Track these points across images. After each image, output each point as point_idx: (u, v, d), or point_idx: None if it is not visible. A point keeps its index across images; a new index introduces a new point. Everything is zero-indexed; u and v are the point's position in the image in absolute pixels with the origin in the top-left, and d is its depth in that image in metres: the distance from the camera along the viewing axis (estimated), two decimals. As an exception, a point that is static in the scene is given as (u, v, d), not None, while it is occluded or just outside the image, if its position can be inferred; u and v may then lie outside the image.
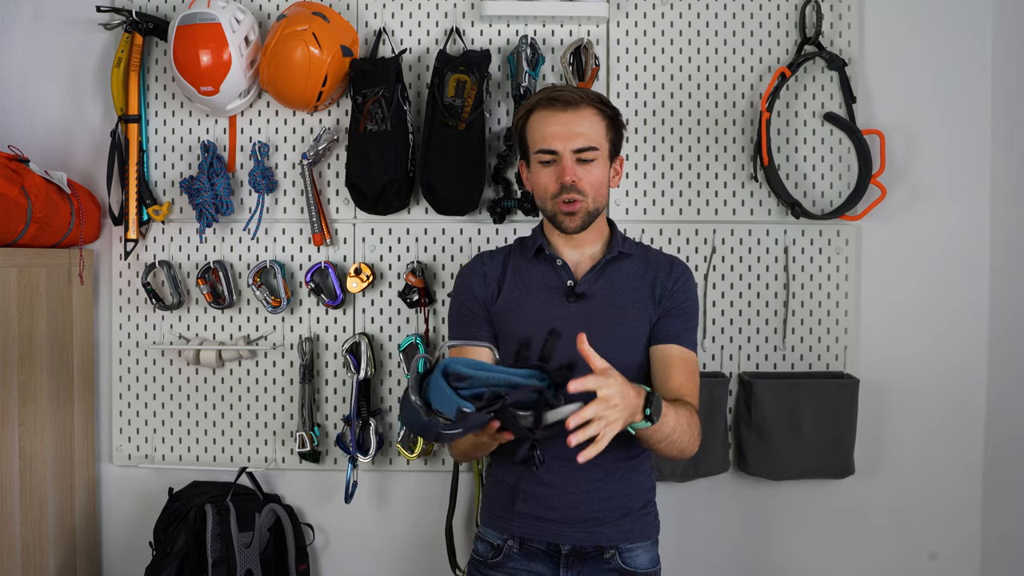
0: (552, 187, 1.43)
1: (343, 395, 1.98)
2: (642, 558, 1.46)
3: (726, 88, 1.97)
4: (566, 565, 1.44)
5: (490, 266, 1.55)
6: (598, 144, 1.43)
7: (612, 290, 1.47)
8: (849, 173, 1.96)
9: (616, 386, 1.15)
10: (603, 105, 1.45)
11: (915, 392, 1.98)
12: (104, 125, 1.97)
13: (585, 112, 1.42)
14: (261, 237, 1.97)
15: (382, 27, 1.95)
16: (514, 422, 1.11)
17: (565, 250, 1.51)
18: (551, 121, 1.42)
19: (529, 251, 1.52)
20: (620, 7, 1.96)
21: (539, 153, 1.44)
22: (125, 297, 1.99)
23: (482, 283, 1.52)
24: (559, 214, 1.44)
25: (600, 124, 1.44)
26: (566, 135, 1.41)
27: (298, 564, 1.92)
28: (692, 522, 1.99)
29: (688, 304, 1.48)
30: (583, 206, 1.43)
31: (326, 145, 1.91)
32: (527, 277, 1.51)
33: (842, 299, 1.97)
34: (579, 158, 1.42)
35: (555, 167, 1.43)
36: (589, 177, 1.42)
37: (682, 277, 1.50)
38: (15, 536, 1.71)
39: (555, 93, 1.43)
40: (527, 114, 1.46)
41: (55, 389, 1.85)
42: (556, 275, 1.49)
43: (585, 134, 1.41)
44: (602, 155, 1.44)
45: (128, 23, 1.89)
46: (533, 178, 1.48)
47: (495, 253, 1.59)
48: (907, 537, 2.00)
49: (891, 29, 1.97)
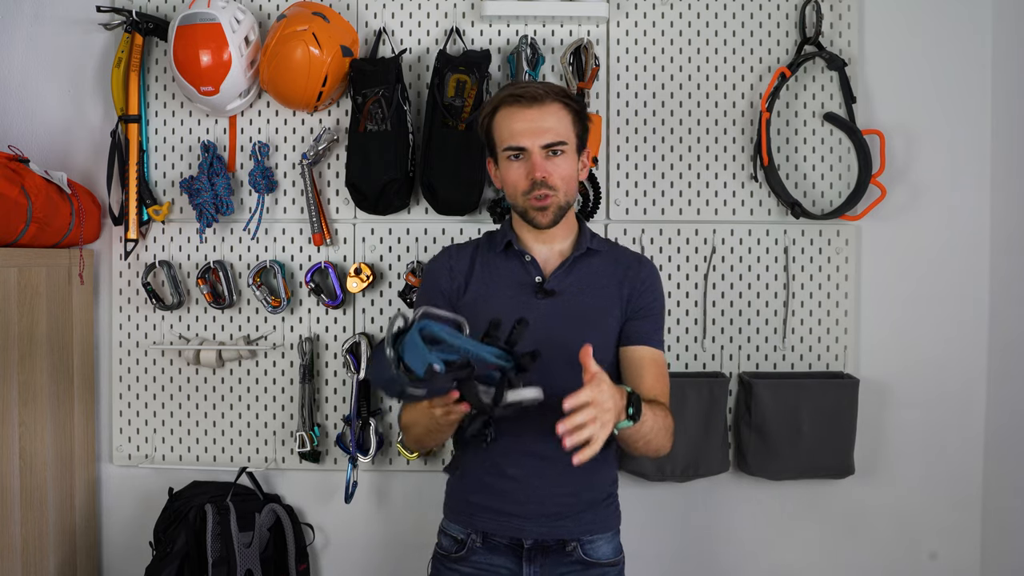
0: (523, 183, 1.43)
1: (343, 395, 1.98)
2: (604, 549, 1.47)
3: (726, 88, 1.97)
4: (528, 559, 1.44)
5: (457, 260, 1.54)
6: (566, 138, 1.43)
7: (581, 287, 1.47)
8: (849, 173, 1.96)
9: (607, 390, 1.15)
10: (568, 99, 1.45)
11: (915, 392, 1.98)
12: (104, 125, 1.97)
13: (551, 107, 1.42)
14: (261, 237, 1.97)
15: (382, 27, 1.95)
16: (475, 394, 1.16)
17: (534, 245, 1.51)
18: (517, 117, 1.42)
19: (498, 246, 1.52)
20: (620, 7, 1.96)
21: (507, 150, 1.44)
22: (125, 297, 1.99)
23: (448, 277, 1.52)
24: (530, 210, 1.44)
25: (566, 118, 1.44)
26: (534, 131, 1.41)
27: (298, 564, 1.92)
28: (692, 522, 1.99)
29: (656, 304, 1.50)
30: (554, 201, 1.43)
31: (326, 145, 1.91)
32: (495, 272, 1.51)
33: (842, 299, 1.97)
34: (548, 153, 1.42)
35: (524, 163, 1.43)
36: (559, 171, 1.43)
37: (650, 277, 1.51)
38: (15, 536, 1.71)
39: (519, 89, 1.43)
40: (492, 112, 1.46)
41: (55, 389, 1.85)
42: (525, 271, 1.49)
43: (553, 129, 1.41)
44: (570, 149, 1.44)
45: (128, 23, 1.89)
46: (503, 175, 1.48)
47: (463, 247, 1.58)
48: (907, 537, 2.00)
49: (891, 29, 1.97)
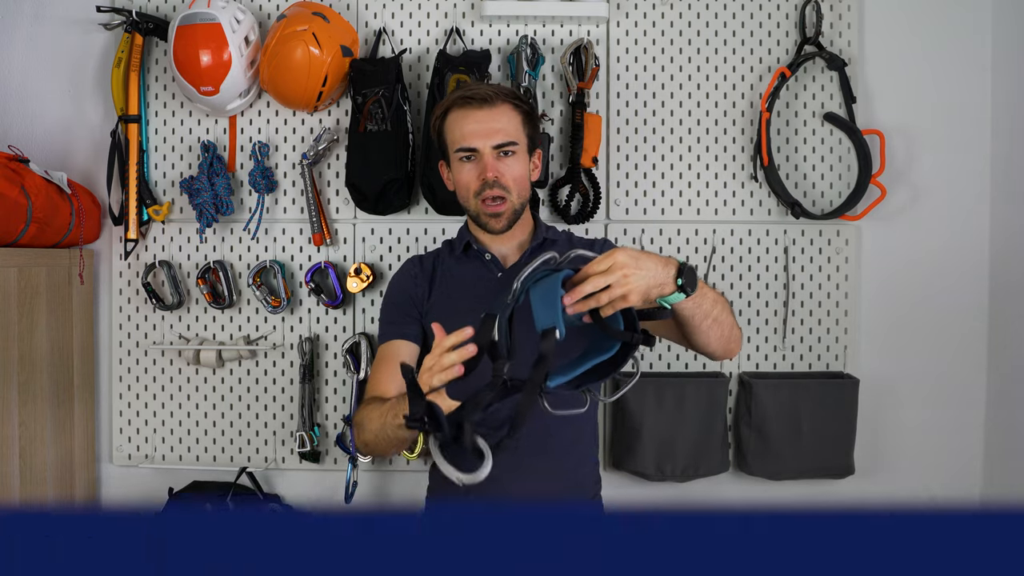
0: (474, 184, 1.44)
1: (343, 395, 1.98)
2: None
3: (726, 88, 1.97)
4: None
5: (419, 268, 1.57)
6: (516, 139, 1.44)
7: None
8: (849, 173, 1.96)
9: (625, 255, 1.06)
10: (518, 100, 1.46)
11: (915, 392, 1.98)
12: (104, 125, 1.97)
13: (501, 108, 1.43)
14: (261, 237, 1.97)
15: (382, 27, 1.95)
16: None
17: (492, 244, 1.52)
18: (468, 119, 1.43)
19: (457, 249, 1.54)
20: (620, 7, 1.96)
21: (459, 151, 1.45)
22: (125, 297, 1.99)
23: (413, 283, 1.54)
24: (482, 214, 1.45)
25: (516, 119, 1.45)
26: (484, 132, 1.42)
27: (298, 564, 1.91)
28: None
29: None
30: (509, 205, 1.44)
31: (326, 145, 1.91)
32: (458, 275, 1.52)
33: (842, 299, 1.97)
34: (499, 153, 1.43)
35: (476, 164, 1.44)
36: (510, 172, 1.44)
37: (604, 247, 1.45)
38: (15, 536, 1.71)
39: (470, 91, 1.44)
40: (443, 114, 1.47)
41: (55, 389, 1.85)
42: (486, 269, 1.51)
43: (503, 129, 1.43)
44: (521, 149, 1.46)
45: (128, 23, 1.88)
46: (455, 177, 1.49)
47: (424, 257, 1.61)
48: (907, 537, 2.00)
49: (891, 29, 1.97)
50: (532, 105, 1.49)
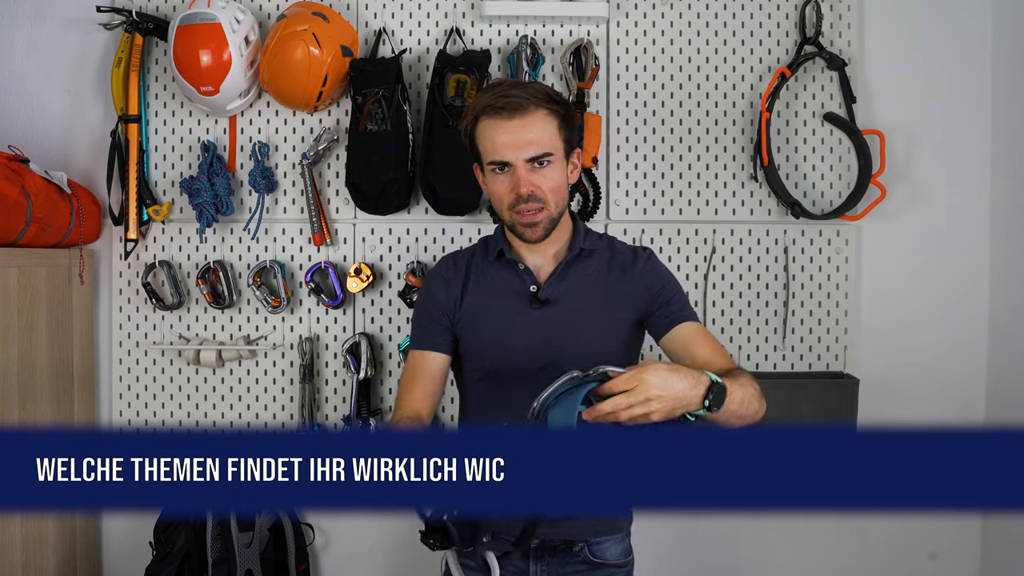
0: (508, 197, 1.37)
1: (343, 395, 1.98)
2: (612, 550, 1.46)
3: (726, 88, 1.97)
4: (536, 558, 1.43)
5: (454, 271, 1.50)
6: (551, 148, 1.35)
7: (576, 292, 1.42)
8: (849, 173, 1.96)
9: (654, 374, 1.06)
10: (552, 104, 1.37)
11: (915, 392, 1.98)
12: (104, 125, 1.97)
13: (534, 116, 1.34)
14: (261, 237, 1.97)
15: (382, 27, 1.95)
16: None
17: (527, 254, 1.46)
18: (499, 129, 1.34)
19: (491, 254, 1.48)
20: (620, 7, 1.96)
21: (491, 164, 1.38)
22: (125, 297, 1.99)
23: (445, 289, 1.48)
24: (518, 225, 1.38)
25: (551, 125, 1.36)
26: (517, 144, 1.33)
27: (298, 564, 1.92)
28: (692, 522, 1.99)
29: (668, 284, 1.45)
30: (546, 215, 1.37)
31: (326, 145, 1.91)
32: (490, 283, 1.46)
33: (842, 299, 1.97)
34: (533, 165, 1.35)
35: (509, 177, 1.35)
36: (546, 183, 1.36)
37: (648, 264, 1.45)
38: (15, 536, 1.71)
39: (500, 99, 1.34)
40: (474, 120, 1.39)
41: (55, 389, 1.85)
42: (519, 280, 1.44)
43: (536, 141, 1.34)
44: (557, 157, 1.37)
45: (128, 23, 1.89)
46: (489, 187, 1.42)
47: (459, 256, 1.54)
48: (907, 537, 2.00)
49: (891, 29, 1.97)
50: (568, 105, 1.41)
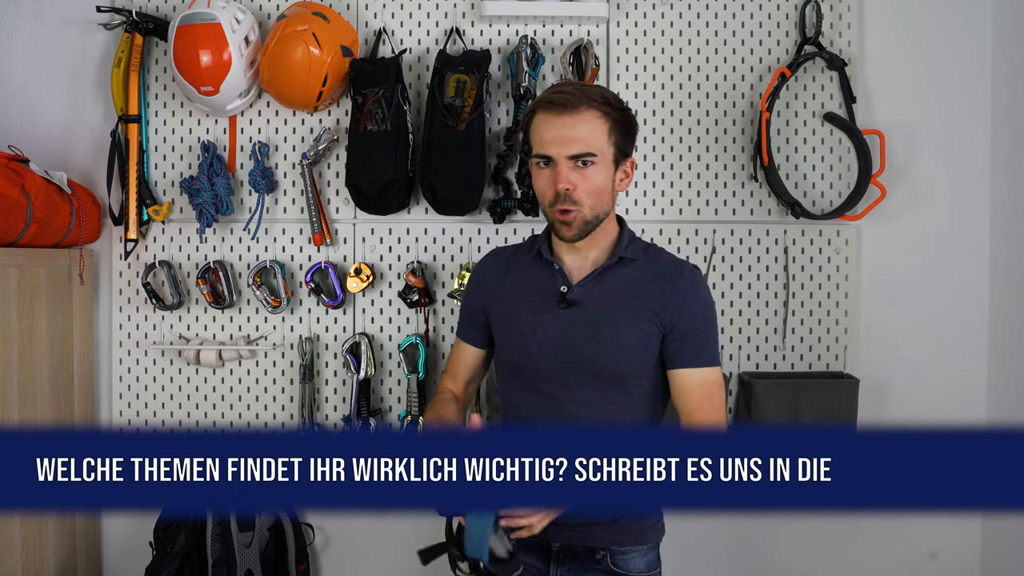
0: (548, 193, 1.38)
1: (343, 395, 1.98)
2: (636, 562, 1.44)
3: (726, 88, 1.97)
4: (556, 561, 1.44)
5: (493, 267, 1.56)
6: (597, 150, 1.35)
7: (607, 298, 1.42)
8: (849, 173, 1.96)
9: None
10: (607, 106, 1.36)
11: (915, 392, 1.98)
12: (104, 125, 1.97)
13: (585, 115, 1.34)
14: (261, 237, 1.97)
15: (382, 27, 1.95)
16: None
17: (566, 255, 1.47)
18: (548, 125, 1.36)
19: (532, 252, 1.51)
20: (620, 7, 1.96)
21: (536, 157, 1.39)
22: (125, 297, 1.99)
23: (482, 285, 1.55)
24: (556, 222, 1.40)
25: (602, 127, 1.35)
26: (561, 140, 1.34)
27: (298, 564, 1.92)
28: (692, 522, 1.99)
29: (698, 317, 1.41)
30: (579, 216, 1.36)
31: (326, 145, 1.91)
32: (525, 280, 1.49)
33: (842, 299, 1.97)
34: (576, 163, 1.35)
35: (551, 172, 1.37)
36: (586, 184, 1.35)
37: (689, 287, 1.42)
38: (15, 536, 1.71)
39: (554, 96, 1.36)
40: (531, 114, 1.41)
41: (55, 389, 1.85)
42: (552, 279, 1.45)
43: (582, 139, 1.34)
44: (603, 160, 1.36)
45: (128, 23, 1.89)
46: (534, 182, 1.43)
47: (500, 252, 1.60)
48: (907, 537, 2.00)
49: (891, 29, 1.97)
50: (627, 111, 1.40)
